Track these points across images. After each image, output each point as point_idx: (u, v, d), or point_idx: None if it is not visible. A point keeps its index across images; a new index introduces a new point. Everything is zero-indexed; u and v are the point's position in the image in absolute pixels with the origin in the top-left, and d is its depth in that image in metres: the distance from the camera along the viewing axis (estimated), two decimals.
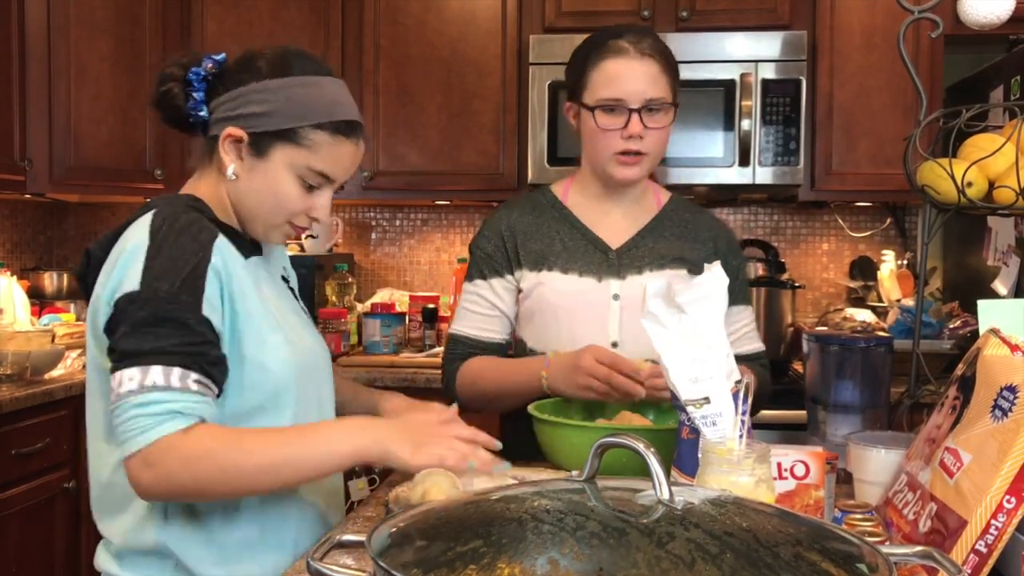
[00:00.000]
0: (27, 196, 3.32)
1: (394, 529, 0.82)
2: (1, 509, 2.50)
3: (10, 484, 2.53)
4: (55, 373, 2.81)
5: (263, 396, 1.36)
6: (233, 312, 1.33)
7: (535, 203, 1.90)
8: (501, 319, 1.87)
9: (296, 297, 1.56)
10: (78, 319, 3.31)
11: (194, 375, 1.24)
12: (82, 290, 1.40)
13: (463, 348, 1.87)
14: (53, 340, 2.84)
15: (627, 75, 1.72)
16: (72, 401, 2.76)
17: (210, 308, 1.29)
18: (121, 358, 1.24)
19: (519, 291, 1.86)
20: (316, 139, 1.37)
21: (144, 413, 1.21)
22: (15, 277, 3.18)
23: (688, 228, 1.87)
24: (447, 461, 1.30)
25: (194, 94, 1.39)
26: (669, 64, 1.76)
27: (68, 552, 2.79)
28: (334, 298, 3.47)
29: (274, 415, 1.37)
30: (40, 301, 3.40)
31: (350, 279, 3.53)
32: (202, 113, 1.40)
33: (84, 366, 2.87)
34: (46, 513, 2.69)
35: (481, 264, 1.88)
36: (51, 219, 3.90)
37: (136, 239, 1.30)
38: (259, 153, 1.37)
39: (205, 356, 1.26)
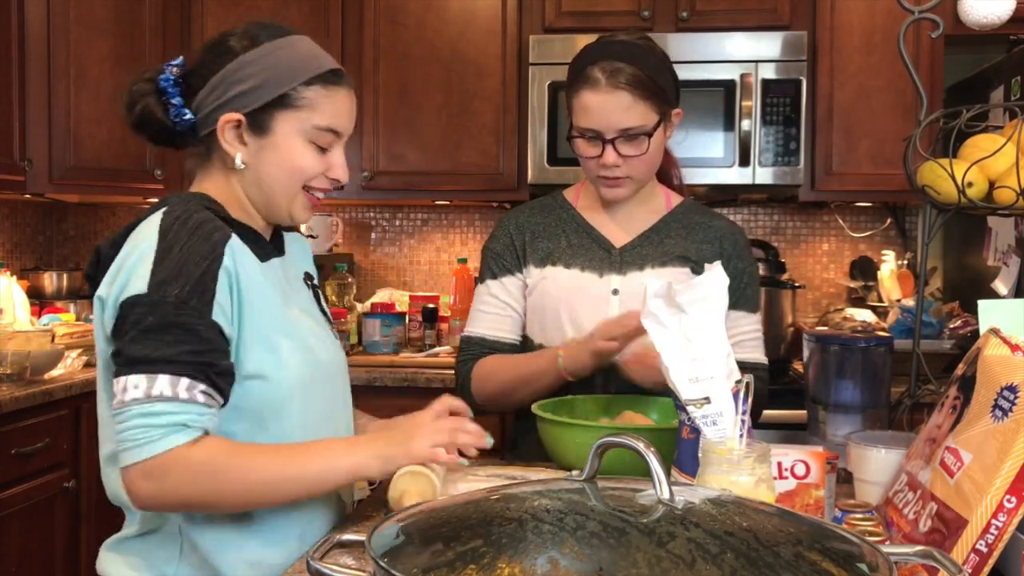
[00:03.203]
0: (27, 196, 3.31)
1: (394, 529, 0.82)
2: (1, 509, 2.50)
3: (10, 484, 2.53)
4: (55, 373, 2.81)
5: (264, 406, 1.31)
6: (242, 318, 1.28)
7: (545, 205, 1.92)
8: (513, 319, 1.87)
9: (318, 299, 1.52)
10: (78, 319, 3.31)
11: (202, 386, 1.20)
12: (91, 289, 1.35)
13: (477, 349, 1.86)
14: (53, 340, 2.84)
15: (599, 108, 1.70)
16: (72, 401, 2.76)
17: (221, 313, 1.24)
18: (127, 363, 1.19)
19: (526, 286, 1.86)
20: (311, 96, 1.34)
21: (148, 424, 1.17)
22: (15, 277, 3.18)
23: (695, 229, 1.85)
24: (439, 457, 1.30)
25: (172, 100, 1.35)
26: (648, 90, 1.70)
27: (68, 552, 2.79)
28: (334, 298, 3.47)
29: (275, 426, 1.32)
30: (40, 301, 3.40)
31: (350, 279, 3.53)
32: (187, 116, 1.35)
33: (84, 366, 2.90)
34: (46, 513, 2.69)
35: (491, 264, 1.89)
36: (51, 219, 3.90)
37: (145, 239, 1.25)
38: (261, 130, 1.33)
39: (214, 366, 1.22)
